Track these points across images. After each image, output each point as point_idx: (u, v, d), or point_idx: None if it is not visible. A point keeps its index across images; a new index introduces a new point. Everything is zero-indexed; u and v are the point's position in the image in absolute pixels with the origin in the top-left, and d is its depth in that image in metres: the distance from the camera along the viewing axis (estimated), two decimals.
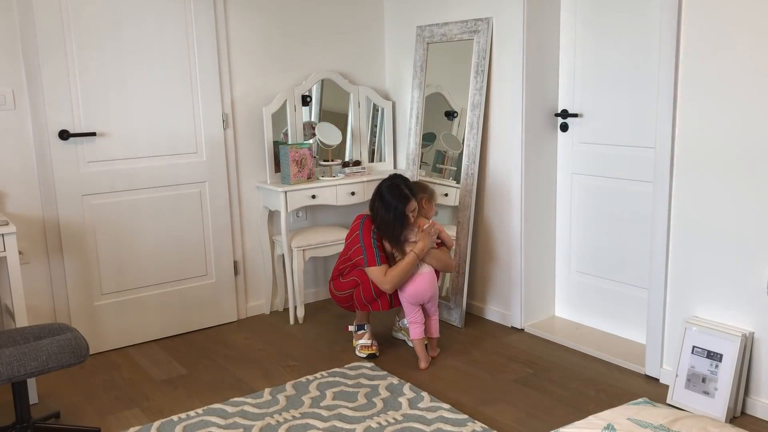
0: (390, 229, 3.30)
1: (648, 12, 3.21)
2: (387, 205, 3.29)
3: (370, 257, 3.30)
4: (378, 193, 3.35)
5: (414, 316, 3.37)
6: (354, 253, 3.36)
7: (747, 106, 2.67)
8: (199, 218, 3.86)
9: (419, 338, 3.36)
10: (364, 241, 3.32)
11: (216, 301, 3.97)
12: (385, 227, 3.31)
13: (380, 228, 3.33)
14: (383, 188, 3.34)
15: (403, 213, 3.28)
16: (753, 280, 2.75)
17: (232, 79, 3.89)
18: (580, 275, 3.75)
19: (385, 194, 3.31)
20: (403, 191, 3.30)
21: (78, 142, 3.45)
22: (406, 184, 3.33)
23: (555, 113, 3.69)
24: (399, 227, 3.30)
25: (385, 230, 3.32)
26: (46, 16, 3.29)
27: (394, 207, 3.27)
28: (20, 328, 2.69)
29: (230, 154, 3.91)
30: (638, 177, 3.37)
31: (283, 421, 2.82)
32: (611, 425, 1.91)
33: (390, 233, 3.31)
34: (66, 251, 3.47)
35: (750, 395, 2.81)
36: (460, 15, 3.85)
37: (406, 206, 3.28)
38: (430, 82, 4.09)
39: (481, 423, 2.76)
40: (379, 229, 3.34)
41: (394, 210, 3.27)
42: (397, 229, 3.30)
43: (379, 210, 3.31)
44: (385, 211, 3.29)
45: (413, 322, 3.37)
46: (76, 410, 3.01)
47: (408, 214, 3.30)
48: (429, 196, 3.44)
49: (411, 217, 3.32)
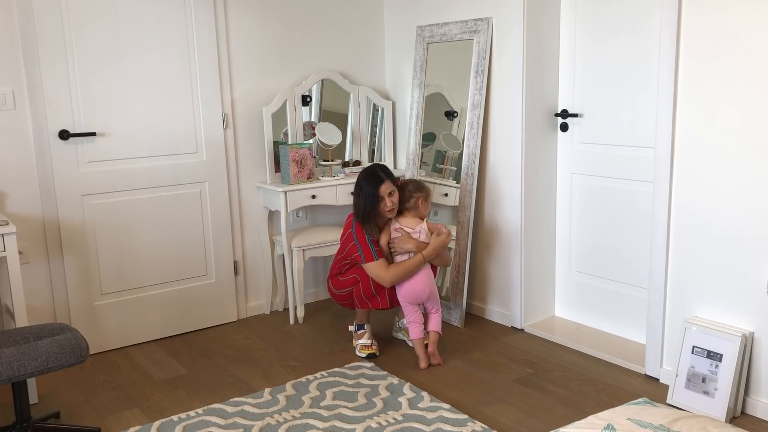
0: (364, 212, 3.28)
1: (648, 12, 3.21)
2: (361, 191, 3.29)
3: (366, 253, 3.29)
4: (356, 184, 3.35)
5: (413, 316, 3.37)
6: (350, 250, 3.35)
7: (747, 106, 2.67)
8: (199, 218, 3.86)
9: (419, 338, 3.36)
10: (358, 238, 3.30)
11: (216, 301, 3.97)
12: (360, 213, 3.29)
13: (357, 215, 3.31)
14: (359, 177, 3.34)
15: (375, 194, 3.25)
16: (753, 280, 2.75)
17: (232, 79, 3.89)
18: (580, 275, 3.75)
19: (361, 181, 3.32)
20: (376, 173, 3.29)
21: (78, 142, 3.45)
22: (382, 170, 3.32)
23: (555, 113, 3.69)
24: (372, 208, 3.27)
25: (362, 214, 3.29)
26: (46, 16, 3.29)
27: (367, 191, 3.27)
28: (20, 328, 2.69)
29: (230, 154, 3.91)
30: (638, 177, 3.37)
31: (283, 421, 2.82)
32: (611, 425, 1.91)
33: (364, 217, 3.28)
34: (66, 251, 3.47)
35: (750, 395, 2.81)
36: (460, 15, 3.85)
37: (378, 188, 3.25)
38: (430, 82, 4.09)
39: (481, 423, 2.76)
40: (357, 215, 3.32)
41: (366, 193, 3.26)
42: (368, 208, 3.26)
43: (357, 197, 3.31)
44: (360, 197, 3.29)
45: (412, 321, 3.37)
46: (76, 410, 3.01)
47: (383, 196, 3.26)
48: (426, 195, 3.43)
49: (388, 201, 3.28)
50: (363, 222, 3.31)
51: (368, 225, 3.30)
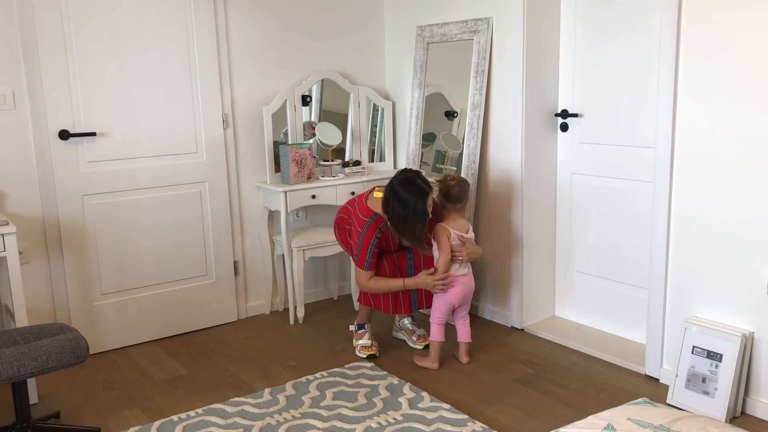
0: (410, 226, 3.15)
1: (648, 12, 3.21)
2: (405, 203, 3.12)
3: (361, 259, 3.27)
4: (392, 191, 3.16)
5: (439, 316, 3.30)
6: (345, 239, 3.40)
7: (747, 106, 2.67)
8: (199, 218, 3.86)
9: (437, 341, 3.29)
10: (363, 241, 3.26)
11: (216, 301, 3.97)
12: (405, 225, 3.16)
13: (399, 227, 3.18)
14: (396, 185, 3.16)
15: (424, 209, 3.14)
16: (753, 280, 2.75)
17: (232, 79, 3.89)
18: (580, 275, 3.75)
19: (400, 191, 3.13)
20: (420, 186, 3.15)
21: (78, 142, 3.45)
22: (420, 178, 3.20)
23: (555, 113, 3.69)
24: (421, 224, 3.16)
25: (405, 228, 3.17)
26: (46, 16, 3.29)
27: (413, 204, 3.11)
28: (20, 328, 2.69)
29: (230, 154, 3.91)
30: (638, 177, 3.37)
31: (283, 421, 2.82)
32: (611, 425, 1.91)
33: (410, 231, 3.16)
34: (66, 251, 3.47)
35: (750, 395, 2.81)
36: (460, 15, 3.85)
37: (425, 202, 3.14)
38: (430, 82, 4.09)
39: (481, 423, 2.76)
40: (397, 228, 3.18)
41: (414, 207, 3.11)
42: (419, 226, 3.15)
43: (396, 208, 3.13)
44: (403, 209, 3.12)
45: (435, 322, 3.30)
46: (76, 410, 3.01)
47: (428, 210, 3.17)
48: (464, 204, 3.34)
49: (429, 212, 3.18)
50: (413, 240, 3.21)
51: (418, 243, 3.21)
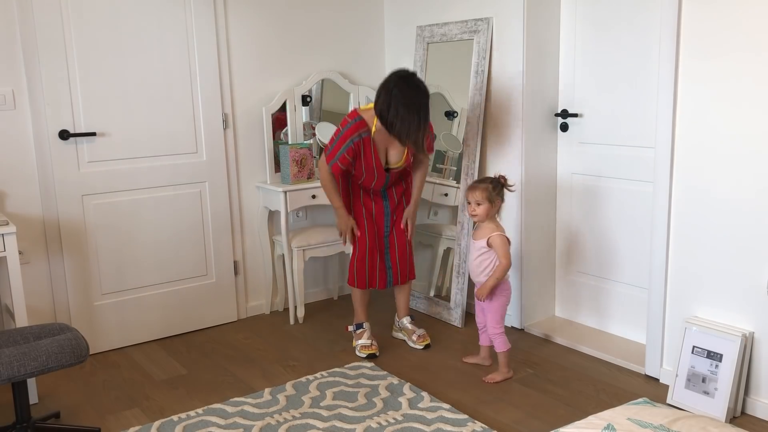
0: (414, 127, 3.06)
1: (648, 11, 3.21)
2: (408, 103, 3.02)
3: (331, 154, 3.23)
4: (386, 89, 3.06)
5: (501, 325, 3.18)
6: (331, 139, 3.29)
7: (747, 106, 2.67)
8: (199, 218, 3.86)
9: (507, 350, 3.17)
10: (339, 139, 3.19)
11: (216, 301, 3.97)
12: (408, 127, 3.04)
13: (399, 130, 3.05)
14: (393, 82, 3.07)
15: (427, 105, 3.05)
16: (753, 280, 2.75)
17: (232, 79, 3.89)
18: (580, 275, 3.75)
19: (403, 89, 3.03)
20: (423, 86, 3.08)
21: (78, 142, 3.45)
22: (417, 77, 3.12)
23: (555, 113, 3.69)
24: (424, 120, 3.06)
25: (408, 130, 3.05)
26: (46, 16, 3.29)
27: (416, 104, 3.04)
28: (20, 328, 2.69)
29: (230, 154, 3.91)
30: (638, 177, 3.37)
31: (283, 421, 2.82)
32: (611, 425, 1.91)
33: (413, 134, 3.07)
34: (66, 251, 3.47)
35: (750, 395, 2.81)
36: (460, 15, 3.85)
37: (428, 103, 3.06)
38: (430, 82, 4.08)
39: (481, 423, 2.76)
40: (398, 131, 3.06)
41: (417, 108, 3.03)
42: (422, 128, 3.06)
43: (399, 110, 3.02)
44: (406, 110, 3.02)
45: (499, 332, 3.17)
46: (76, 410, 3.01)
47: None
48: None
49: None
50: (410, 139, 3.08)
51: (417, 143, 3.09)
